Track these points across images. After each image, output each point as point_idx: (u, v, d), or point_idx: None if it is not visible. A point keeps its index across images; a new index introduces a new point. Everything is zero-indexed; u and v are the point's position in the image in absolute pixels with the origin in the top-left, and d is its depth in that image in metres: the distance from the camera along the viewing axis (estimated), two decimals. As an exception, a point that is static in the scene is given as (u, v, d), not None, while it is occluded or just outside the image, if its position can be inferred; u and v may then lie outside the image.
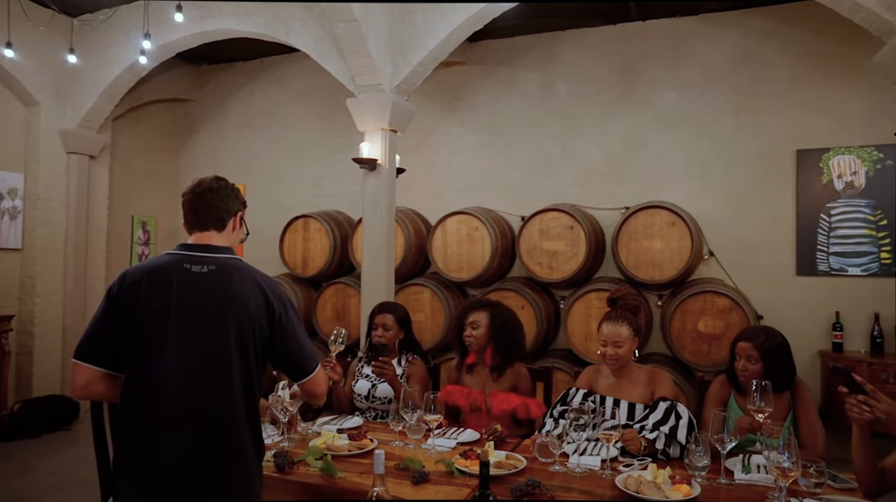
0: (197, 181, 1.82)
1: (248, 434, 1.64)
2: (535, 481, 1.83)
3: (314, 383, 1.78)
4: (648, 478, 1.86)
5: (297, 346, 1.74)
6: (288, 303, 1.74)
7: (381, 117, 4.23)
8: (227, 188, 1.82)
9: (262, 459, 1.72)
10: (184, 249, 1.71)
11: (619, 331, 2.46)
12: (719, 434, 1.98)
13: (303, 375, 1.76)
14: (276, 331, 1.68)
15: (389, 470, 1.99)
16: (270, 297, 1.68)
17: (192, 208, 1.77)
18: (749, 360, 2.32)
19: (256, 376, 1.67)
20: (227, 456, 1.60)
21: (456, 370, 2.84)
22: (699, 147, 4.96)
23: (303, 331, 1.77)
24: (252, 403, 1.66)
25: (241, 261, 1.74)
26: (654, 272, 4.59)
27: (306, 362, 1.76)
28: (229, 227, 1.79)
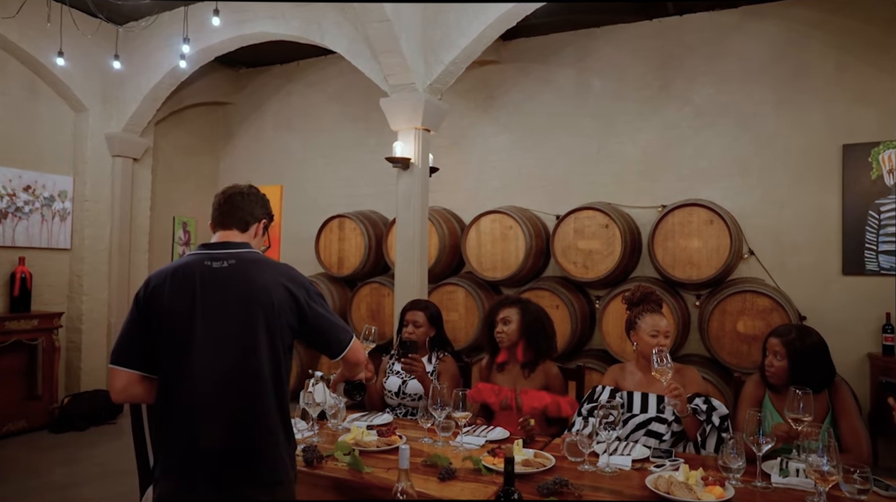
0: (232, 185, 1.89)
1: (279, 421, 1.68)
2: (563, 480, 1.80)
3: (354, 352, 1.82)
4: (680, 479, 1.82)
5: (328, 324, 1.77)
6: (309, 286, 1.77)
7: (414, 117, 4.25)
8: (258, 196, 1.88)
9: (294, 448, 1.75)
10: (204, 248, 1.77)
11: (664, 321, 2.45)
12: (754, 435, 1.91)
13: (341, 349, 1.79)
14: (304, 316, 1.72)
15: (416, 467, 2.00)
16: (290, 285, 1.72)
17: (219, 208, 1.83)
18: (776, 356, 2.25)
19: (285, 364, 1.71)
20: (259, 442, 1.64)
21: (487, 368, 2.84)
22: (738, 143, 4.83)
23: (328, 308, 1.80)
24: (281, 391, 1.69)
25: (258, 253, 1.79)
26: (691, 271, 4.48)
27: (341, 336, 1.79)
28: (252, 231, 1.84)
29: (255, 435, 1.64)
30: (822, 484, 1.68)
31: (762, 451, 1.91)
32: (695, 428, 2.30)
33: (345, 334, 1.81)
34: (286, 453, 1.69)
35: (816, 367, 2.23)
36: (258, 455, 1.64)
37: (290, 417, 1.75)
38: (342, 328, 1.81)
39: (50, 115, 5.50)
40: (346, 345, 1.80)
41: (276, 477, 1.66)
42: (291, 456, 1.73)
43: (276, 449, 1.66)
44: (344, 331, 1.81)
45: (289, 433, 1.72)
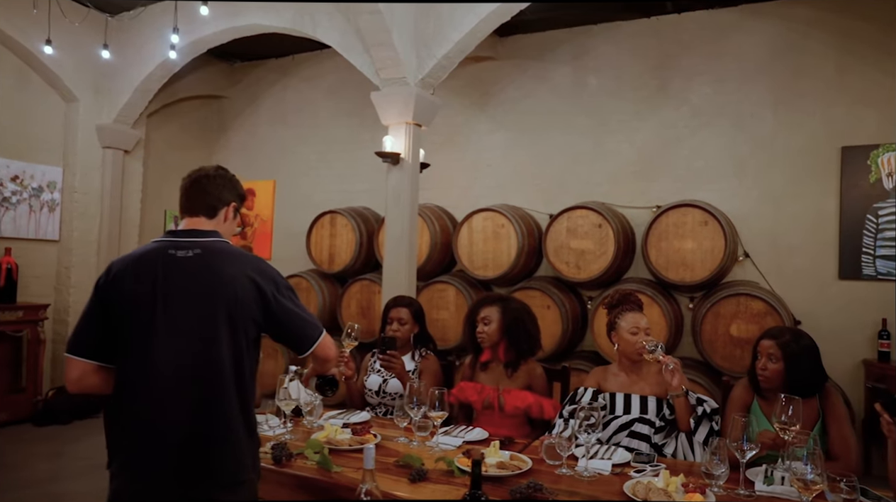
0: (198, 168, 1.81)
1: (241, 418, 1.61)
2: (537, 484, 1.74)
3: (323, 348, 1.75)
4: (659, 486, 1.75)
5: (296, 319, 1.70)
6: (278, 279, 1.71)
7: (405, 111, 4.19)
8: (225, 178, 1.80)
9: (258, 446, 1.68)
10: (170, 236, 1.70)
11: (644, 319, 2.40)
12: (738, 441, 1.84)
13: (309, 345, 1.73)
14: (270, 310, 1.65)
15: (388, 467, 1.93)
16: (257, 278, 1.64)
17: (186, 193, 1.76)
18: (770, 359, 2.18)
19: (248, 360, 1.64)
20: (219, 439, 1.57)
21: (470, 367, 2.77)
22: (735, 144, 4.76)
23: (297, 302, 1.73)
24: (243, 387, 1.62)
25: (227, 243, 1.72)
26: (684, 273, 4.41)
27: (309, 331, 1.73)
28: (221, 216, 1.76)
29: (215, 432, 1.57)
30: (805, 493, 1.61)
31: (745, 458, 1.84)
32: (687, 412, 2.24)
33: (313, 330, 1.73)
34: (248, 451, 1.63)
35: (810, 370, 2.16)
36: (218, 452, 1.57)
37: (254, 414, 1.68)
38: (311, 323, 1.74)
39: (40, 105, 5.44)
40: (314, 341, 1.73)
41: (236, 476, 1.60)
42: (254, 454, 1.66)
43: (236, 447, 1.60)
44: (312, 327, 1.73)
45: (251, 430, 1.65)
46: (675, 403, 2.25)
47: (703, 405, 2.22)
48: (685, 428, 2.24)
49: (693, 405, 2.23)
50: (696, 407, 2.22)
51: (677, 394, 2.22)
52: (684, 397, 2.23)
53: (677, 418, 2.26)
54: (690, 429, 2.23)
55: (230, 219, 1.80)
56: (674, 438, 2.28)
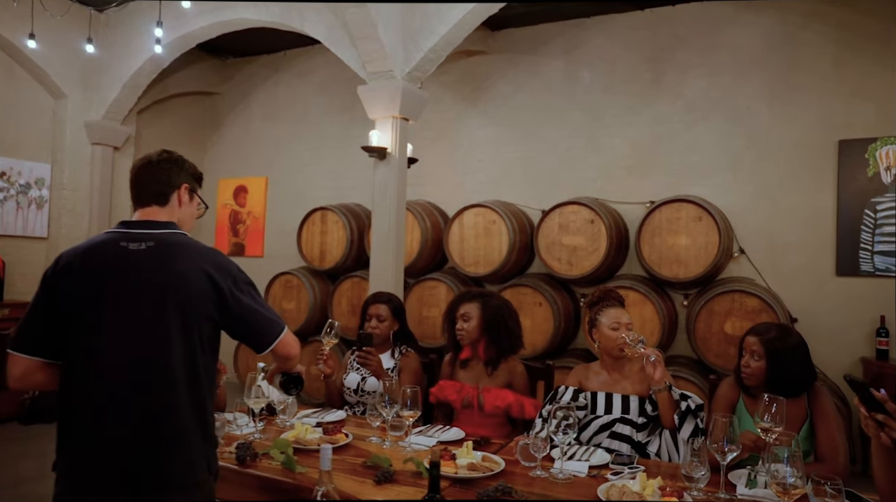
0: (143, 156, 1.73)
1: (193, 419, 1.53)
2: (507, 487, 1.66)
3: (284, 346, 1.67)
4: (635, 489, 1.67)
5: (254, 316, 1.62)
6: (236, 273, 1.62)
7: (392, 105, 4.12)
8: (172, 160, 1.70)
9: (214, 447, 1.62)
10: (122, 226, 1.61)
11: (625, 315, 2.32)
12: (720, 442, 1.76)
13: (268, 343, 1.64)
14: (227, 307, 1.57)
15: (355, 468, 1.86)
16: (213, 272, 1.56)
17: (134, 184, 1.68)
18: (753, 356, 2.10)
19: (203, 358, 1.56)
20: (170, 441, 1.50)
21: (449, 365, 2.70)
22: (730, 138, 4.67)
23: (257, 298, 1.65)
24: (196, 387, 1.55)
25: (183, 236, 1.63)
26: (678, 269, 4.33)
27: (269, 329, 1.64)
28: (174, 201, 1.67)
29: (165, 434, 1.50)
30: (784, 497, 1.53)
31: (726, 460, 1.76)
32: (671, 408, 2.16)
33: (273, 327, 1.65)
34: (202, 452, 1.56)
35: (796, 369, 2.08)
36: (168, 454, 1.50)
37: (211, 414, 1.60)
38: (271, 320, 1.65)
39: (28, 101, 5.39)
40: (274, 339, 1.64)
41: (189, 478, 1.52)
42: (210, 455, 1.59)
43: (188, 449, 1.52)
44: (272, 324, 1.65)
45: (206, 432, 1.58)
46: (657, 398, 2.16)
47: (688, 401, 2.14)
48: (669, 424, 2.16)
49: (677, 400, 2.15)
50: (679, 403, 2.14)
51: (660, 389, 2.14)
52: (667, 392, 2.15)
53: (660, 414, 2.18)
54: (675, 426, 2.14)
55: (186, 203, 1.70)
56: (657, 436, 2.20)
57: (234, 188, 6.90)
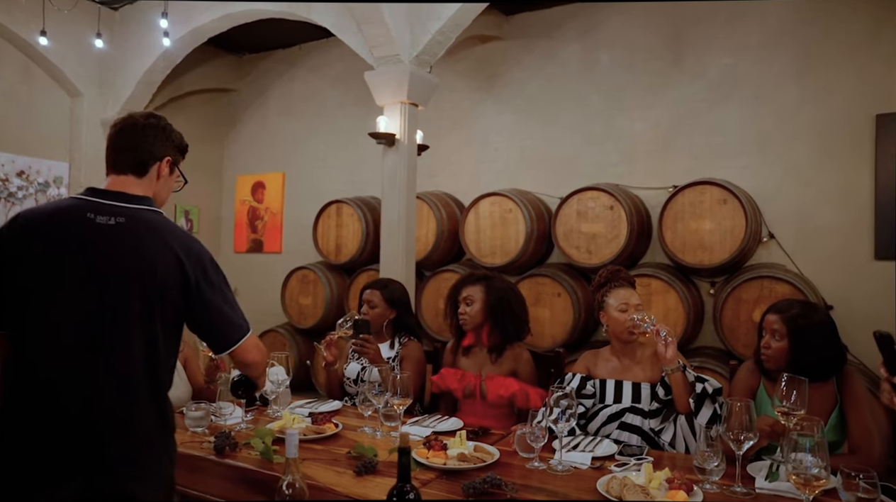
0: (127, 115, 1.59)
1: (150, 406, 1.43)
2: (496, 479, 1.52)
3: (243, 353, 1.54)
4: (638, 482, 1.51)
5: (218, 315, 1.50)
6: (208, 265, 1.50)
7: (399, 90, 4.00)
8: (159, 127, 1.56)
9: (171, 434, 1.51)
10: (91, 194, 1.48)
11: (635, 296, 2.16)
12: (736, 429, 1.59)
13: (228, 346, 1.52)
14: (191, 299, 1.45)
15: (338, 459, 1.75)
16: (184, 258, 1.44)
17: (112, 145, 1.54)
18: (774, 336, 1.90)
19: (164, 345, 1.45)
20: (120, 430, 1.40)
21: (451, 353, 2.57)
22: (757, 117, 4.42)
23: (227, 295, 1.53)
24: (155, 374, 1.44)
25: (158, 214, 1.51)
26: (702, 256, 4.10)
27: (229, 332, 1.52)
28: (152, 174, 1.53)
29: (118, 421, 1.39)
30: (805, 490, 1.35)
31: (741, 449, 1.58)
32: (686, 391, 1.98)
33: (234, 331, 1.52)
34: (160, 441, 1.46)
35: (822, 350, 1.88)
36: (121, 443, 1.39)
37: (169, 402, 1.50)
38: (234, 323, 1.52)
39: (45, 100, 5.44)
40: (234, 343, 1.52)
41: (144, 469, 1.42)
42: (167, 446, 1.48)
43: (144, 437, 1.42)
44: (234, 328, 1.52)
45: (164, 419, 1.47)
46: (670, 381, 1.99)
47: (704, 384, 1.96)
48: (684, 408, 1.98)
49: (692, 382, 1.96)
50: (694, 385, 1.96)
51: (673, 369, 1.96)
52: (681, 373, 1.97)
53: (675, 398, 2.00)
54: (691, 410, 1.96)
55: (165, 177, 1.56)
56: (672, 422, 2.03)
57: (251, 184, 6.89)
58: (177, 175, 1.63)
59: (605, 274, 2.29)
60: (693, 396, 1.95)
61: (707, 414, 1.94)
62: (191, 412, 2.03)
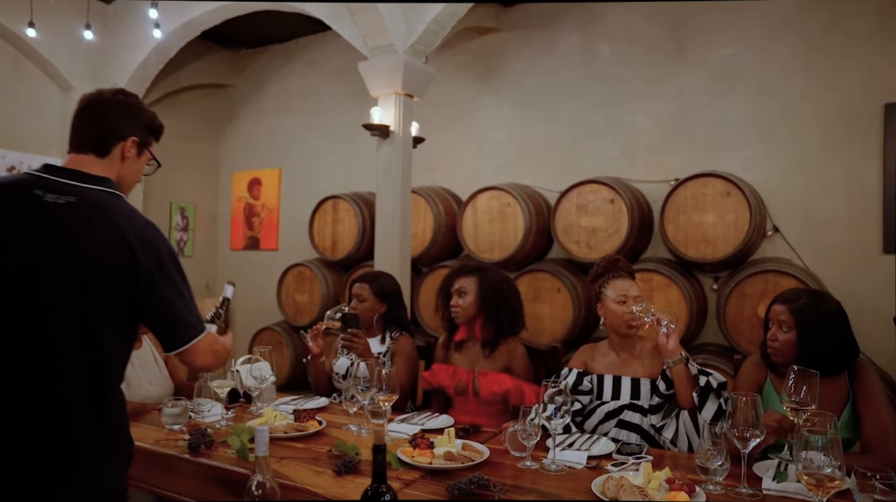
0: (94, 90, 1.48)
1: (101, 405, 1.32)
2: (483, 479, 1.42)
3: (192, 356, 1.41)
4: (636, 482, 1.41)
5: (169, 310, 1.37)
6: (165, 255, 1.37)
7: (394, 80, 3.90)
8: (125, 104, 1.45)
9: (117, 434, 1.38)
10: (45, 171, 1.36)
11: (634, 287, 2.06)
12: (742, 426, 1.48)
13: (173, 346, 1.39)
14: (142, 290, 1.33)
15: (318, 457, 1.65)
16: (137, 245, 1.32)
17: (74, 121, 1.43)
18: (781, 327, 1.80)
19: (111, 338, 1.32)
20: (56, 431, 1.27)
21: (443, 348, 2.46)
22: (761, 108, 4.31)
23: (183, 291, 1.41)
24: (100, 369, 1.32)
25: (115, 197, 1.39)
26: (705, 250, 4.00)
27: (180, 330, 1.39)
28: (116, 154, 1.41)
29: (58, 420, 1.28)
30: (818, 492, 1.25)
31: (747, 448, 1.48)
32: (689, 384, 1.86)
33: (186, 330, 1.39)
34: (100, 449, 1.33)
35: (832, 342, 1.76)
36: (50, 450, 1.27)
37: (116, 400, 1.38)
38: (186, 321, 1.39)
39: (37, 94, 5.36)
40: (184, 343, 1.39)
41: (75, 478, 1.29)
42: (110, 450, 1.35)
43: (77, 444, 1.30)
44: (187, 326, 1.39)
45: (105, 424, 1.34)
46: (672, 374, 1.88)
47: (709, 377, 1.85)
48: (687, 403, 1.87)
49: (695, 375, 1.86)
50: (698, 378, 1.85)
51: (675, 362, 1.85)
52: (683, 365, 1.86)
53: (677, 393, 1.89)
54: (694, 405, 1.85)
55: (132, 159, 1.45)
56: (674, 419, 1.91)
57: (248, 181, 6.80)
58: (147, 158, 1.52)
59: (603, 264, 2.18)
60: (697, 390, 1.84)
61: (712, 410, 1.83)
62: (167, 409, 1.94)
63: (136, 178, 1.51)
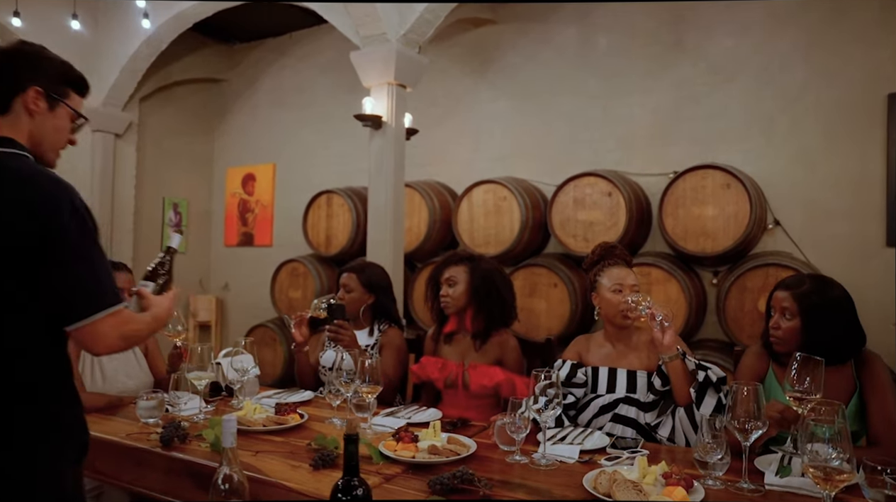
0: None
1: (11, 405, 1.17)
2: (467, 474, 1.34)
3: (91, 335, 1.19)
4: (630, 477, 1.33)
5: (71, 277, 1.17)
6: (66, 216, 1.18)
7: (386, 70, 3.82)
8: (22, 52, 1.33)
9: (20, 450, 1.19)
10: None
11: (631, 276, 1.98)
12: (743, 417, 1.40)
13: (70, 319, 1.18)
14: (41, 257, 1.16)
15: (296, 451, 1.57)
16: (39, 209, 1.16)
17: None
18: (784, 315, 1.71)
19: (10, 318, 1.17)
20: None
21: (433, 340, 2.38)
22: (761, 100, 4.22)
23: (89, 253, 1.21)
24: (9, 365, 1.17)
25: (14, 157, 1.25)
26: (705, 243, 3.91)
27: (78, 301, 1.18)
28: (18, 109, 1.27)
29: None
30: (825, 486, 1.17)
31: (749, 440, 1.40)
32: (686, 380, 1.77)
33: (87, 302, 1.18)
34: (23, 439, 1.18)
35: (839, 330, 1.67)
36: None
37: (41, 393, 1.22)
38: (89, 291, 1.19)
39: (25, 87, 5.27)
40: (81, 317, 1.18)
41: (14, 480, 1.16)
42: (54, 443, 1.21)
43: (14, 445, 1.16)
44: (88, 297, 1.18)
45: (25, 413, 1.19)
46: (668, 370, 1.79)
47: (707, 371, 1.77)
48: (684, 400, 1.79)
49: (692, 370, 1.77)
50: (696, 373, 1.77)
51: (671, 357, 1.77)
52: (680, 360, 1.77)
53: (673, 389, 1.81)
54: (691, 401, 1.77)
55: (42, 113, 1.29)
56: (670, 416, 1.83)
57: (242, 176, 6.71)
58: (69, 114, 1.36)
59: (599, 250, 2.09)
60: (694, 385, 1.76)
61: (710, 405, 1.75)
62: (142, 401, 1.86)
63: (58, 137, 1.36)
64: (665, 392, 1.83)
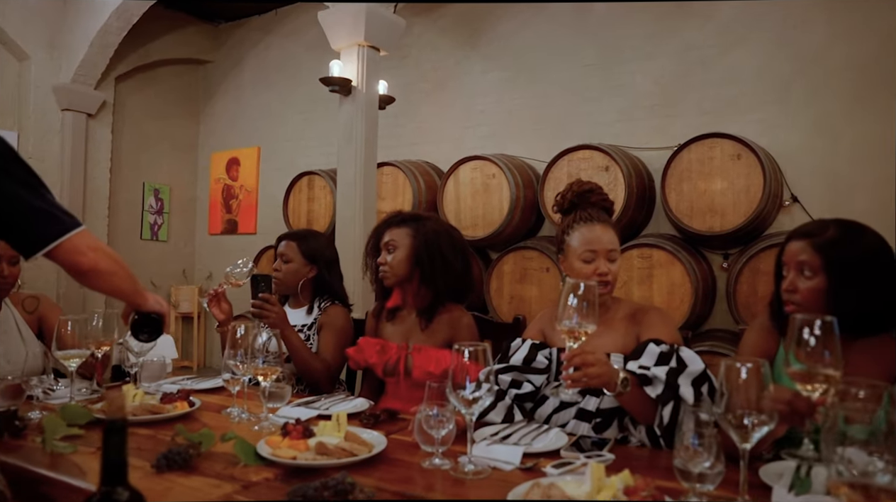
0: None
1: None
2: (344, 483, 0.96)
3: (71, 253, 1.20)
4: (577, 491, 0.94)
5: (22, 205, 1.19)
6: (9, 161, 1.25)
7: (355, 30, 3.46)
8: None
9: None
10: None
11: (608, 235, 1.55)
12: (741, 409, 1.00)
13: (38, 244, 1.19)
14: None
15: (157, 448, 1.19)
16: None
17: None
18: (802, 272, 1.26)
19: None
20: None
21: (374, 317, 2.00)
22: (776, 63, 3.80)
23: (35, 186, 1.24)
24: None
25: None
26: (712, 221, 3.50)
27: (42, 226, 1.19)
28: None
29: None
30: (858, 506, 0.77)
31: (750, 442, 0.99)
32: (644, 404, 1.35)
33: (52, 225, 1.19)
34: None
35: (877, 288, 1.23)
36: None
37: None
38: (50, 216, 1.20)
39: (-9, 63, 5.00)
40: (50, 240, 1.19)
41: None
42: None
43: None
44: (50, 221, 1.19)
45: None
46: (621, 403, 1.38)
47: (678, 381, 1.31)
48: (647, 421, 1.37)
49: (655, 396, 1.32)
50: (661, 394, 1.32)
51: (618, 393, 1.29)
52: (626, 393, 1.30)
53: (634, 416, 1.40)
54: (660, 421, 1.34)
55: None
56: None
57: (226, 161, 6.40)
58: None
59: (571, 195, 1.61)
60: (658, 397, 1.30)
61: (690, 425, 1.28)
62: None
63: None
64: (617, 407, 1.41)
